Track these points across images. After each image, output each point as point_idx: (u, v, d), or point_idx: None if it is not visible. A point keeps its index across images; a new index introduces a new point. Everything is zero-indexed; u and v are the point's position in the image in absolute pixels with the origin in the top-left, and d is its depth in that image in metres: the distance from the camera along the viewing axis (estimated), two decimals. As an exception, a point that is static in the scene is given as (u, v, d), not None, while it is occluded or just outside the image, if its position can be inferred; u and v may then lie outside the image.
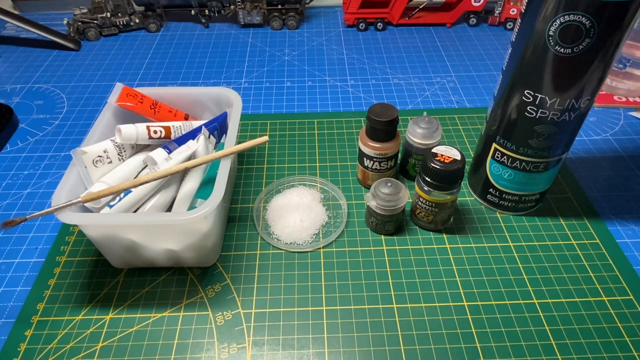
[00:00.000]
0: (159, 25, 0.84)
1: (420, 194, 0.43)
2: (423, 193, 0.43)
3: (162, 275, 0.44)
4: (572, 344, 0.39)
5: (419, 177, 0.43)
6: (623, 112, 0.64)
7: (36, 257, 0.46)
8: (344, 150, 0.57)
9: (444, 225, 0.47)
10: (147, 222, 0.38)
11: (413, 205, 0.46)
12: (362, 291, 0.43)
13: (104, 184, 0.41)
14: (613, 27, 0.33)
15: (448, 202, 0.43)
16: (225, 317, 0.41)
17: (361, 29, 0.84)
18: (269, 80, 0.72)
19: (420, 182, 0.43)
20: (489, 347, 0.39)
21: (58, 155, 0.58)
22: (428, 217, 0.44)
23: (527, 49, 0.37)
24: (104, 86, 0.71)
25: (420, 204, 0.44)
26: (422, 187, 0.43)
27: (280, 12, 0.83)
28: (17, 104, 0.67)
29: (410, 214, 0.47)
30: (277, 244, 0.46)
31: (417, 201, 0.45)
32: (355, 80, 0.71)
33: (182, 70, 0.74)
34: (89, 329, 0.40)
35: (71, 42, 0.79)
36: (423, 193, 0.43)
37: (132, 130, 0.44)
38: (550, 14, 0.34)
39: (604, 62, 0.35)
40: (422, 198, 0.43)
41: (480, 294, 0.42)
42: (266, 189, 0.52)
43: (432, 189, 0.42)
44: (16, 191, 0.53)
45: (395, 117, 0.45)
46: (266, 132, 0.60)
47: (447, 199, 0.43)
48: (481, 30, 0.83)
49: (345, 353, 0.38)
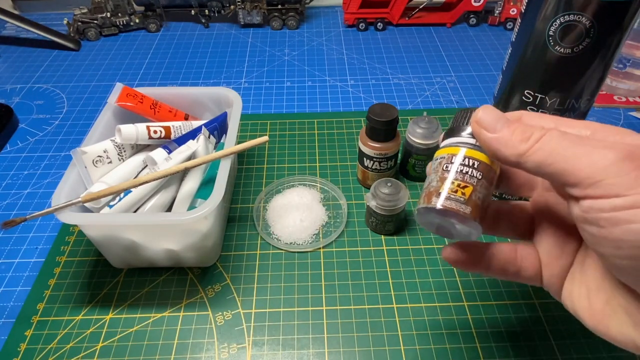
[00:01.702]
0: (159, 25, 0.84)
1: (454, 150, 0.27)
2: (461, 148, 0.27)
3: (162, 275, 0.44)
4: (572, 344, 0.39)
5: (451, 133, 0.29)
6: (623, 112, 0.64)
7: (36, 257, 0.46)
8: (344, 150, 0.57)
9: (479, 217, 0.26)
10: (147, 222, 0.38)
11: (435, 178, 0.27)
12: (362, 291, 0.43)
13: (104, 184, 0.41)
14: (613, 27, 0.33)
15: (493, 168, 0.27)
16: (225, 317, 0.41)
17: (361, 29, 0.84)
18: (269, 80, 0.72)
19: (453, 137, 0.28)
20: (489, 347, 0.39)
21: (58, 155, 0.58)
22: (464, 190, 0.26)
23: (527, 49, 0.37)
24: (104, 86, 0.71)
25: (455, 169, 0.27)
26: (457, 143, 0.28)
27: (280, 12, 0.83)
28: (17, 104, 0.67)
29: (424, 198, 0.27)
30: (277, 244, 0.46)
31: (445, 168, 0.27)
32: (355, 80, 0.71)
33: (182, 70, 0.74)
34: (89, 329, 0.40)
35: (71, 42, 0.79)
36: (461, 148, 0.27)
37: (132, 130, 0.44)
38: (550, 14, 0.34)
39: (604, 62, 0.35)
40: (459, 156, 0.27)
41: (480, 294, 0.42)
42: (266, 189, 0.52)
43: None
44: (16, 191, 0.53)
45: (395, 117, 0.45)
46: (266, 132, 0.60)
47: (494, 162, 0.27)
48: (481, 30, 0.83)
49: (345, 353, 0.38)
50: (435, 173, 0.27)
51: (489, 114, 0.25)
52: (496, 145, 0.24)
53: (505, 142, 0.24)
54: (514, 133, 0.24)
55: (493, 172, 0.27)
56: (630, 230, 0.19)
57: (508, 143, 0.24)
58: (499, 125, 0.24)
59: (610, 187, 0.20)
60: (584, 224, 0.22)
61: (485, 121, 0.25)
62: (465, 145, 0.27)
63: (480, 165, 0.27)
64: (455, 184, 0.26)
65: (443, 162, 0.27)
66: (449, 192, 0.26)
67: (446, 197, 0.26)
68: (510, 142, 0.24)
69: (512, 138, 0.24)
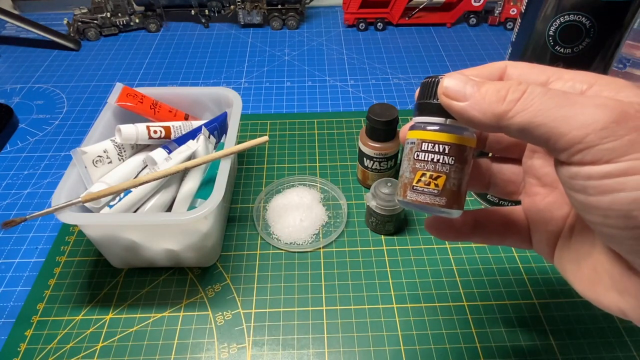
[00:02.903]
0: (159, 25, 0.84)
1: (423, 135, 0.25)
2: (429, 132, 0.25)
3: (162, 275, 0.44)
4: (572, 344, 0.39)
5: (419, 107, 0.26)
6: (623, 112, 0.64)
7: (36, 257, 0.46)
8: (344, 150, 0.57)
9: (457, 203, 0.25)
10: (147, 222, 0.38)
11: (407, 167, 0.26)
12: (362, 291, 0.43)
13: (104, 184, 0.41)
14: (613, 27, 0.33)
15: (467, 147, 0.25)
16: (225, 317, 0.41)
17: (361, 29, 0.84)
18: (269, 80, 0.72)
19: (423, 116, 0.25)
20: (489, 347, 0.39)
21: (58, 155, 0.58)
22: (437, 182, 0.25)
23: (527, 49, 0.37)
24: (104, 86, 0.71)
25: (424, 157, 0.25)
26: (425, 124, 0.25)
27: (280, 12, 0.83)
28: (17, 104, 0.67)
29: (400, 189, 0.26)
30: (277, 244, 0.46)
31: (416, 157, 0.25)
32: (355, 80, 0.71)
33: (182, 70, 0.74)
34: (89, 329, 0.40)
35: (71, 42, 0.79)
36: (429, 132, 0.25)
37: (132, 130, 0.44)
38: (550, 14, 0.34)
39: (604, 62, 0.35)
40: (428, 142, 0.25)
41: (480, 294, 0.42)
42: (266, 189, 0.52)
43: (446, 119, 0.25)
44: (16, 191, 0.53)
45: (395, 117, 0.45)
46: (266, 132, 0.60)
47: (468, 138, 0.25)
48: (481, 30, 0.83)
49: (345, 353, 0.38)
50: (408, 161, 0.26)
51: (455, 80, 0.22)
52: (470, 114, 0.21)
53: (479, 108, 0.21)
54: (486, 95, 0.21)
55: (468, 149, 0.25)
56: (619, 198, 0.18)
57: (482, 107, 0.21)
58: (469, 89, 0.21)
59: (600, 152, 0.18)
60: (572, 191, 0.20)
61: (452, 90, 0.22)
62: (432, 127, 0.25)
63: (451, 149, 0.24)
64: (427, 176, 0.25)
65: (414, 149, 0.25)
66: (422, 185, 0.25)
67: (420, 191, 0.25)
68: (485, 106, 0.21)
69: (485, 100, 0.21)
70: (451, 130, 0.24)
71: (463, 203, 0.25)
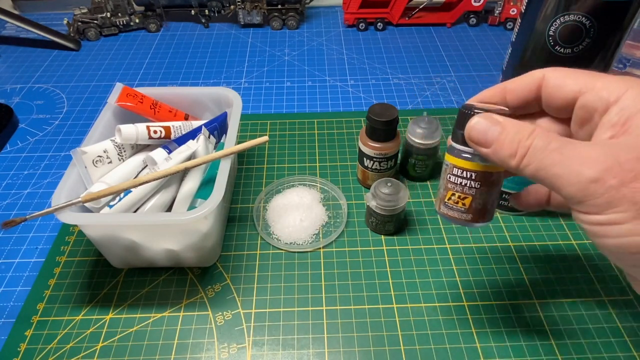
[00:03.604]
0: (159, 25, 0.84)
1: (455, 161, 0.29)
2: (459, 160, 0.29)
3: (162, 275, 0.44)
4: (572, 344, 0.39)
5: (455, 136, 0.29)
6: (623, 112, 0.64)
7: (36, 257, 0.46)
8: (344, 150, 0.57)
9: (482, 219, 0.30)
10: (147, 222, 0.38)
11: (442, 184, 0.30)
12: (362, 291, 0.43)
13: (104, 184, 0.41)
14: (613, 27, 0.33)
15: (494, 172, 0.28)
16: (225, 317, 0.41)
17: (361, 29, 0.84)
18: (269, 80, 0.72)
19: (456, 144, 0.29)
20: (489, 347, 0.39)
21: (58, 155, 0.58)
22: (464, 202, 0.29)
23: (527, 49, 0.37)
24: (104, 86, 0.71)
25: (454, 180, 0.29)
26: (458, 151, 0.29)
27: (280, 12, 0.83)
28: (17, 104, 0.67)
29: (436, 201, 0.31)
30: (277, 244, 0.46)
31: (448, 178, 0.30)
32: (355, 80, 0.71)
33: (182, 70, 0.74)
34: (89, 329, 0.40)
35: (71, 42, 0.79)
36: (459, 160, 0.29)
37: (132, 130, 0.44)
38: (550, 14, 0.34)
39: (604, 62, 0.35)
40: (458, 168, 0.29)
41: (480, 294, 0.42)
42: (266, 189, 0.52)
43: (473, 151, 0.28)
44: (16, 191, 0.53)
45: (395, 117, 0.45)
46: (266, 132, 0.60)
47: (494, 166, 0.28)
48: (481, 30, 0.83)
49: (345, 353, 0.38)
50: (442, 179, 0.30)
51: (479, 126, 0.26)
52: (491, 159, 0.26)
53: (497, 157, 0.25)
54: (503, 145, 0.25)
55: (495, 174, 0.28)
56: (608, 243, 0.22)
57: (500, 157, 0.25)
58: (490, 136, 0.25)
59: (586, 207, 0.22)
60: (586, 233, 0.23)
61: (476, 136, 0.26)
62: (462, 155, 0.28)
63: (477, 175, 0.28)
64: (456, 196, 0.29)
65: (447, 170, 0.30)
66: (452, 203, 0.30)
67: (449, 207, 0.30)
68: (502, 157, 0.25)
69: (503, 151, 0.25)
70: (478, 160, 0.28)
71: (489, 216, 0.30)
